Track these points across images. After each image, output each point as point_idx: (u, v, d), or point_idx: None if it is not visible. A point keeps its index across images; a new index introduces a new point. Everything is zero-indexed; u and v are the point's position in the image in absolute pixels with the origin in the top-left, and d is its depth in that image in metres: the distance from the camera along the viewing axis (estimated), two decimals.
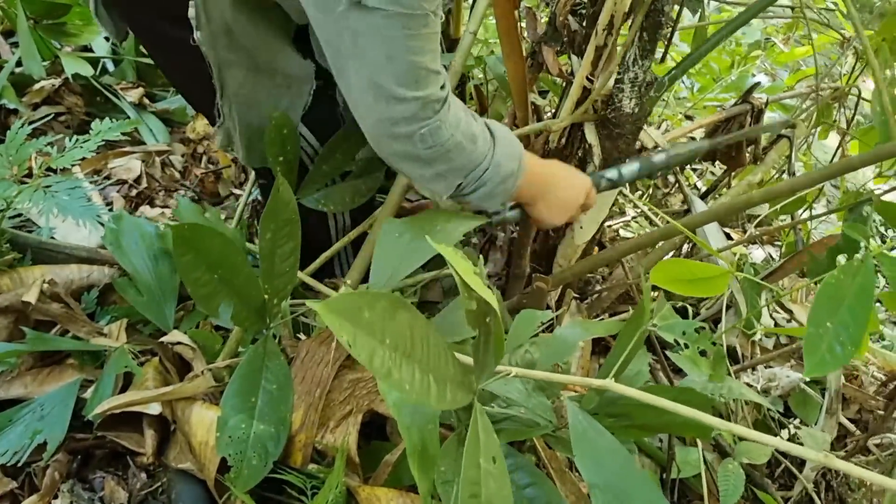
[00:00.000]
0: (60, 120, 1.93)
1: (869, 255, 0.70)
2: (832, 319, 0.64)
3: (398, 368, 0.52)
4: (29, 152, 1.20)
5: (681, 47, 2.84)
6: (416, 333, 0.55)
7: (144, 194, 1.81)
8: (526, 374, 0.67)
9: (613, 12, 1.14)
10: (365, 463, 1.04)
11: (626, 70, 1.18)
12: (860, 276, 0.67)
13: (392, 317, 0.53)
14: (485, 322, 0.61)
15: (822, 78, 1.95)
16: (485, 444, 0.60)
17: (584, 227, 1.37)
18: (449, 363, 0.58)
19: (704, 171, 2.93)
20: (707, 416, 0.56)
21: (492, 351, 0.63)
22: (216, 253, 0.96)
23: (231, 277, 0.98)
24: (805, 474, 1.47)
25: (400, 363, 0.53)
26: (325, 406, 1.03)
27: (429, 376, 0.55)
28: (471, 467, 0.58)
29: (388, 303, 0.53)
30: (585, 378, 0.65)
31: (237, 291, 0.99)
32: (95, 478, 1.09)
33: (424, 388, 0.54)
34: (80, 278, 1.31)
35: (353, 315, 0.50)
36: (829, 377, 1.51)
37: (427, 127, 0.93)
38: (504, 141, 1.05)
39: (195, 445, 1.03)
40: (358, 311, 0.50)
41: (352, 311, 0.50)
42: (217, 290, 0.98)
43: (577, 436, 0.71)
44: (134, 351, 1.17)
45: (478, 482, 0.57)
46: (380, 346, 0.52)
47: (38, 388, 1.13)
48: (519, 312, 1.17)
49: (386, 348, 0.52)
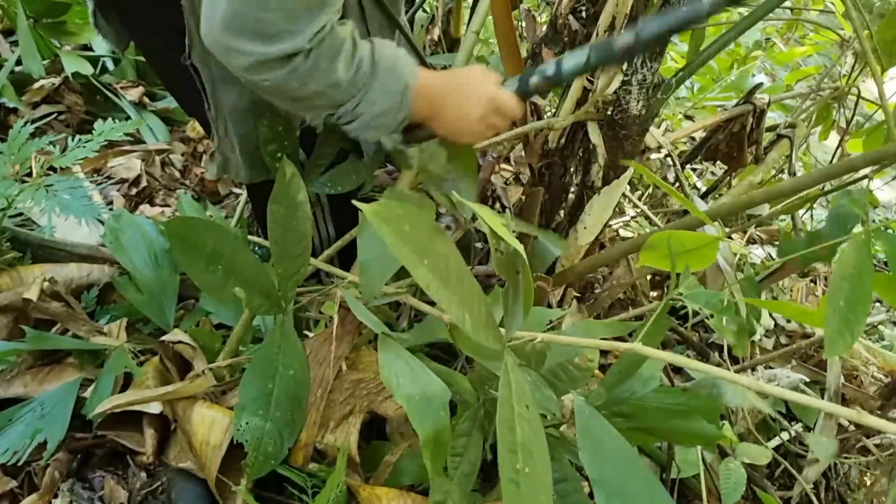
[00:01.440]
0: (60, 119, 1.93)
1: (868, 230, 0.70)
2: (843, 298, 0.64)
3: (436, 290, 0.53)
4: (30, 151, 1.20)
5: (680, 47, 2.84)
6: (451, 265, 0.55)
7: (144, 193, 1.81)
8: (552, 339, 0.67)
9: (615, 14, 1.13)
10: (365, 463, 1.04)
11: (634, 72, 1.18)
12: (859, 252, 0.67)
13: (431, 239, 0.54)
14: (513, 272, 0.61)
15: (822, 78, 1.95)
16: (517, 392, 0.60)
17: (587, 227, 1.37)
18: (481, 304, 0.58)
19: (705, 170, 2.93)
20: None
21: (521, 300, 0.63)
22: (213, 245, 0.96)
23: (235, 266, 0.97)
24: (805, 475, 1.47)
25: (438, 287, 0.53)
26: (326, 406, 1.03)
27: (463, 311, 0.56)
28: (505, 408, 0.58)
29: (429, 227, 0.55)
30: (613, 342, 0.65)
31: (245, 279, 0.98)
32: (95, 477, 1.09)
33: (461, 318, 0.55)
34: (79, 277, 1.31)
35: (397, 225, 0.51)
36: (828, 377, 1.51)
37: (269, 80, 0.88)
38: (385, 73, 0.97)
39: (196, 444, 1.03)
40: (401, 222, 0.52)
41: (396, 220, 0.51)
42: (224, 280, 0.97)
43: (583, 430, 0.71)
44: (134, 350, 1.17)
45: (512, 424, 0.58)
46: (420, 264, 0.52)
47: (37, 387, 1.13)
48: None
49: (425, 268, 0.53)
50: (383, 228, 0.50)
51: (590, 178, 1.30)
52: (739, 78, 2.88)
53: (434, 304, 1.46)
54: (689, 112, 2.95)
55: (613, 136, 1.27)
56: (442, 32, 1.83)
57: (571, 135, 1.33)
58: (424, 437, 0.77)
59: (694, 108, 2.92)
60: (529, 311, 0.65)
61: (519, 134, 1.30)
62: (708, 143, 1.67)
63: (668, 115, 2.83)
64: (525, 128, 1.29)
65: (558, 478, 0.84)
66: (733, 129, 1.62)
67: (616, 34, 1.18)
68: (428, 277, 0.53)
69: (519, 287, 0.63)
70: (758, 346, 1.75)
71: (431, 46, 1.87)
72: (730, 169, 1.82)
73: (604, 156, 1.27)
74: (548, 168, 1.38)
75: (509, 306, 0.65)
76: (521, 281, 0.63)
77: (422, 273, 0.52)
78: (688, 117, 2.98)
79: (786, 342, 1.83)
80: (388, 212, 0.51)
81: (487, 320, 0.59)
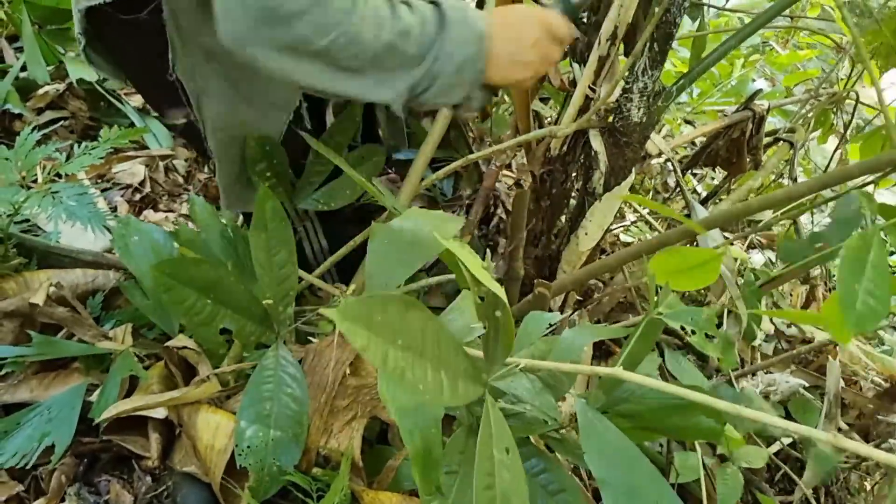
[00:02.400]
0: (64, 124, 1.94)
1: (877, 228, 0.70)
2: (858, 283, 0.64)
3: (411, 368, 0.53)
4: (37, 158, 1.21)
5: (681, 52, 2.85)
6: (427, 332, 0.55)
7: (148, 199, 1.82)
8: (535, 366, 0.67)
9: (617, 23, 1.15)
10: (368, 467, 1.05)
11: (636, 80, 1.19)
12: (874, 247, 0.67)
13: (404, 317, 0.54)
14: (493, 315, 0.61)
15: (821, 83, 1.96)
16: (497, 436, 0.59)
17: (588, 233, 1.38)
18: (460, 358, 0.58)
19: (705, 175, 2.94)
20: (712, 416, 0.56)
21: (501, 343, 0.63)
22: (204, 278, 0.97)
23: (226, 296, 0.98)
24: (805, 479, 1.48)
25: (413, 363, 0.53)
26: (329, 412, 1.04)
27: (440, 373, 0.55)
28: (485, 458, 0.58)
29: (401, 304, 0.54)
30: (595, 367, 0.66)
31: (236, 308, 0.99)
32: (101, 481, 1.10)
33: (437, 385, 0.55)
34: (85, 282, 1.32)
35: (366, 319, 0.51)
36: (827, 382, 1.52)
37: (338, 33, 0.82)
38: (456, 23, 0.91)
39: (200, 449, 1.04)
40: (370, 315, 0.51)
41: (365, 315, 0.51)
42: (214, 312, 0.98)
43: (586, 431, 0.71)
44: (139, 354, 1.18)
45: (492, 473, 0.58)
46: (392, 348, 0.52)
47: (44, 392, 1.14)
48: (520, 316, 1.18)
49: (398, 349, 0.52)
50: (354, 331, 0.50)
51: (591, 184, 1.32)
52: (739, 83, 2.89)
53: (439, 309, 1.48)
54: (689, 117, 2.96)
55: (615, 143, 1.28)
56: None
57: (573, 142, 1.34)
58: (414, 453, 0.76)
59: (694, 112, 2.94)
60: (510, 350, 0.65)
61: (521, 142, 1.31)
62: (708, 149, 1.68)
63: (668, 120, 2.84)
64: (528, 136, 1.31)
65: (556, 489, 0.84)
66: (733, 135, 1.63)
67: (618, 42, 1.20)
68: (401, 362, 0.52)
69: (500, 330, 0.63)
70: (758, 352, 1.76)
71: None
72: (729, 175, 1.83)
73: (605, 162, 1.28)
74: (549, 175, 1.39)
75: (490, 350, 0.65)
76: (502, 323, 0.62)
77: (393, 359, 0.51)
78: (688, 122, 3.00)
79: (786, 347, 1.83)
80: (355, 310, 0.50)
81: (466, 368, 0.58)
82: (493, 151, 1.33)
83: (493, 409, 0.60)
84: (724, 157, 1.70)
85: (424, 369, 0.54)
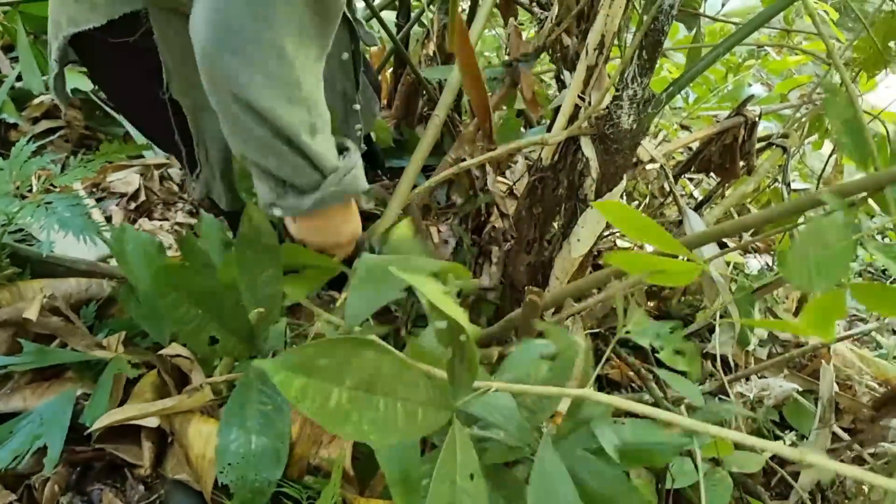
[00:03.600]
0: (60, 134, 1.95)
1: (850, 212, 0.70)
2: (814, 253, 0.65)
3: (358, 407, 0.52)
4: (32, 169, 1.22)
5: (676, 58, 2.86)
6: (382, 368, 0.54)
7: (143, 207, 1.82)
8: (505, 388, 0.66)
9: (604, 32, 1.15)
10: (359, 475, 1.05)
11: (625, 87, 1.20)
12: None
13: (354, 357, 0.53)
14: (458, 341, 0.60)
15: (815, 88, 1.97)
16: (462, 462, 0.58)
17: (581, 240, 1.38)
18: (421, 388, 0.57)
19: (701, 180, 2.95)
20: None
21: (466, 368, 0.62)
22: (200, 288, 0.97)
23: (216, 309, 0.98)
24: (800, 483, 1.48)
25: (361, 400, 0.52)
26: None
27: (396, 406, 0.54)
28: (443, 482, 0.57)
29: (349, 345, 0.53)
30: (563, 388, 0.65)
31: (223, 322, 0.99)
32: (93, 490, 1.10)
33: (391, 417, 0.54)
34: (78, 292, 1.33)
35: (307, 366, 0.50)
36: (821, 386, 1.52)
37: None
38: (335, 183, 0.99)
39: (192, 457, 1.05)
40: (312, 361, 0.51)
41: (306, 362, 0.50)
42: (202, 323, 0.98)
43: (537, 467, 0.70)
44: (132, 362, 1.18)
45: (452, 500, 0.57)
46: (337, 388, 0.51)
47: (37, 401, 1.14)
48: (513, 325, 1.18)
49: (345, 389, 0.52)
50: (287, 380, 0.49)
51: (583, 191, 1.32)
52: (735, 88, 2.90)
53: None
54: (685, 122, 2.97)
55: (605, 149, 1.28)
56: (437, 47, 1.86)
57: (564, 149, 1.35)
58: (392, 478, 0.75)
59: (689, 118, 2.94)
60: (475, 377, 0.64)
61: (514, 150, 1.31)
62: (701, 155, 1.68)
63: (664, 126, 2.85)
64: (521, 142, 1.31)
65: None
66: (725, 140, 1.63)
67: (606, 51, 1.21)
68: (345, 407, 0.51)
69: (464, 356, 0.62)
70: (752, 356, 1.76)
71: (426, 61, 1.90)
72: (723, 180, 1.83)
73: (596, 169, 1.28)
74: (541, 182, 1.40)
75: (455, 375, 0.63)
76: (466, 350, 0.62)
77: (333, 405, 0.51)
78: (684, 127, 3.00)
79: (780, 351, 1.84)
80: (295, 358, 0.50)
81: (430, 397, 0.58)
82: (487, 158, 1.33)
83: (460, 434, 0.59)
84: (717, 163, 1.70)
85: (375, 403, 0.53)
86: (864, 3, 1.89)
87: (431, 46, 1.88)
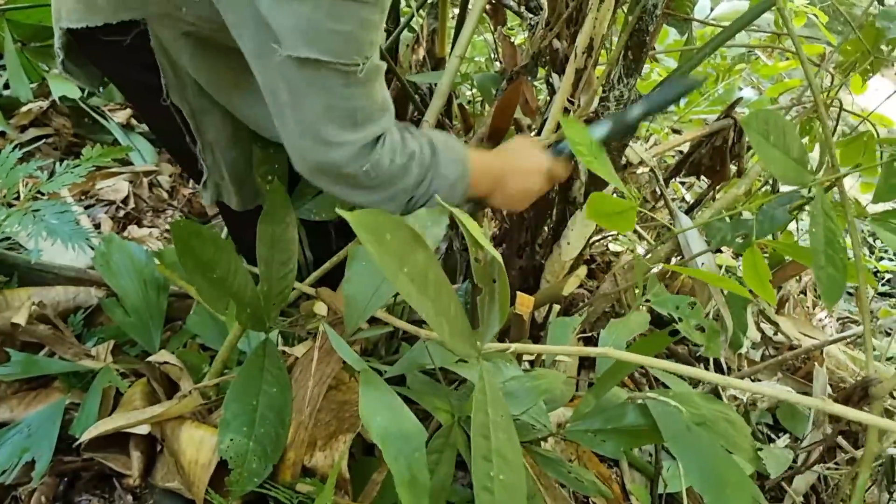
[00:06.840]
0: (48, 142, 1.94)
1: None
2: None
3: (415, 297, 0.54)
4: (19, 176, 1.20)
5: (666, 62, 2.87)
6: (430, 275, 0.56)
7: (132, 215, 1.81)
8: (526, 350, 0.68)
9: (592, 35, 1.15)
10: (352, 480, 1.04)
11: (611, 88, 1.20)
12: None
13: (412, 250, 0.55)
14: (490, 280, 0.62)
15: (804, 91, 1.98)
16: (491, 399, 0.61)
17: (570, 243, 1.38)
18: (457, 313, 0.59)
19: (692, 184, 2.95)
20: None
21: (496, 309, 0.64)
22: (211, 254, 0.96)
23: (228, 277, 0.97)
24: (794, 486, 1.47)
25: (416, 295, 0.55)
26: (314, 425, 1.04)
27: (441, 318, 0.57)
28: (479, 414, 0.59)
29: (410, 235, 0.55)
30: (586, 348, 0.67)
31: (234, 292, 0.99)
32: (81, 500, 1.08)
33: (439, 325, 0.56)
34: (66, 300, 1.32)
35: (377, 234, 0.53)
36: (815, 388, 1.52)
37: (369, 163, 0.95)
38: (445, 148, 1.05)
39: (184, 464, 1.03)
40: (381, 230, 0.53)
41: (376, 228, 0.53)
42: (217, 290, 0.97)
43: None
44: (122, 371, 1.17)
45: (486, 431, 0.59)
46: (400, 272, 0.54)
47: (23, 411, 1.13)
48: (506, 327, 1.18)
49: (405, 276, 0.54)
50: (365, 236, 0.52)
51: (571, 193, 1.32)
52: (726, 91, 2.91)
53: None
54: (676, 125, 2.98)
55: None
56: (426, 52, 1.85)
57: None
58: (400, 478, 0.75)
59: (681, 121, 2.95)
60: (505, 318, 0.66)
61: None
62: (691, 158, 1.68)
63: (655, 129, 2.86)
64: None
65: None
66: (715, 143, 1.64)
67: (595, 54, 1.21)
68: (407, 286, 0.54)
69: (495, 295, 0.64)
70: (745, 358, 1.76)
71: (416, 66, 1.90)
72: (713, 183, 1.84)
73: (585, 171, 1.28)
74: None
75: (485, 314, 0.66)
76: (498, 289, 0.64)
77: (402, 281, 0.54)
78: (675, 131, 3.01)
79: (773, 353, 1.84)
80: (370, 220, 0.53)
81: (462, 329, 0.60)
82: None
83: (488, 376, 0.61)
84: (707, 166, 1.70)
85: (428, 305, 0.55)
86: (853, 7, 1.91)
87: (421, 51, 1.88)
